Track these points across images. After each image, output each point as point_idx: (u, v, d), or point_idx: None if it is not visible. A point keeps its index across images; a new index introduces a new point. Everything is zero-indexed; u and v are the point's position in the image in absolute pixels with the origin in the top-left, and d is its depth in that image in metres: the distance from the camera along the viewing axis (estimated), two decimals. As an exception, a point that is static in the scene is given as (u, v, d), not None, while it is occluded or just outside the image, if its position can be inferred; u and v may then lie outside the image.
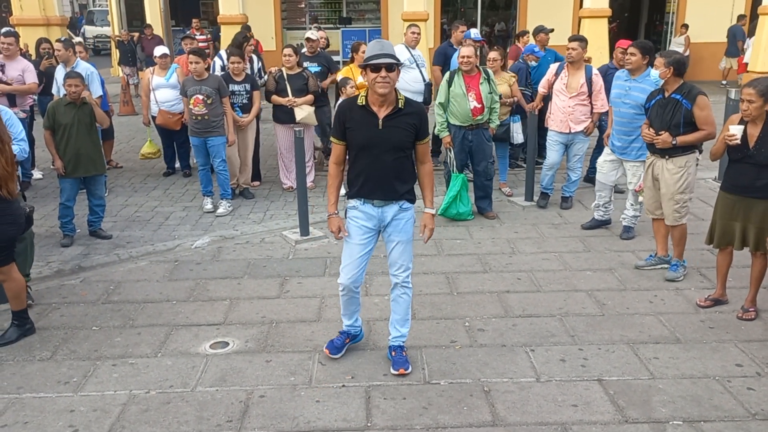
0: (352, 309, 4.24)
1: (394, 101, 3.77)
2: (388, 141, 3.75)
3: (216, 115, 7.08)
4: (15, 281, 4.50)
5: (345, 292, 4.11)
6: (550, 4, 17.28)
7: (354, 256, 3.99)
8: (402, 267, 4.04)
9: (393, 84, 3.69)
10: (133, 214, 7.31)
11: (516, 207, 7.35)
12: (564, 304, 5.02)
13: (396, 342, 4.19)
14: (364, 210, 3.92)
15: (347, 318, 4.29)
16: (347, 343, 4.33)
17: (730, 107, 7.59)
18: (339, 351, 4.27)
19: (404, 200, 3.91)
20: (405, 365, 4.08)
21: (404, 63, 8.18)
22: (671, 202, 5.26)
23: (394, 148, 3.76)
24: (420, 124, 3.81)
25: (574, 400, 3.82)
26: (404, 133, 3.76)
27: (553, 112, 7.02)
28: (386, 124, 3.75)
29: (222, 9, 15.03)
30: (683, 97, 5.07)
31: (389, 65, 3.62)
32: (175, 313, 4.95)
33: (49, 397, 3.90)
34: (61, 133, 6.11)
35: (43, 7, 13.84)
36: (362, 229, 3.95)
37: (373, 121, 3.75)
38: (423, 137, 3.86)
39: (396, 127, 3.75)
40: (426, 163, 3.94)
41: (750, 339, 4.46)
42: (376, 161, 3.79)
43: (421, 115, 3.86)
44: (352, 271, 4.01)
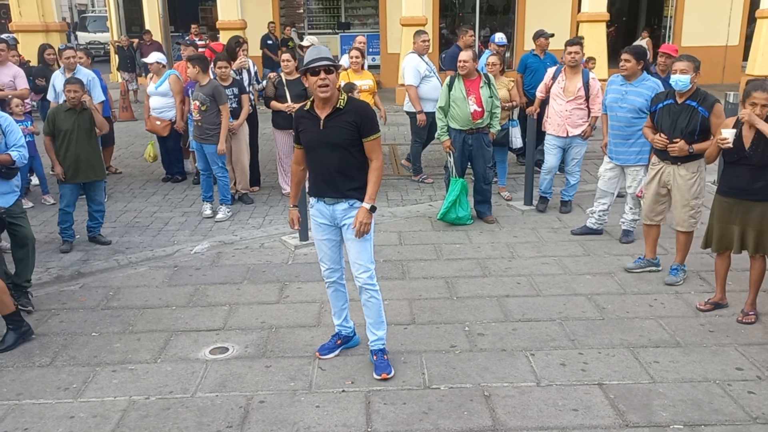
0: (340, 305, 4.34)
1: (336, 101, 3.87)
2: (328, 140, 3.87)
3: (212, 123, 7.07)
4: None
5: (329, 284, 4.29)
6: (548, 8, 17.32)
7: (324, 251, 4.19)
8: (361, 268, 4.05)
9: (333, 86, 3.81)
10: (133, 220, 7.31)
11: (515, 211, 7.36)
12: (564, 308, 5.02)
13: (375, 346, 4.21)
14: (319, 208, 4.07)
15: (336, 317, 4.39)
16: (339, 344, 4.39)
17: (729, 110, 7.59)
18: (329, 352, 4.35)
19: (354, 199, 3.95)
20: (387, 369, 4.11)
21: (424, 73, 8.17)
22: (686, 209, 5.23)
23: (334, 146, 3.87)
24: (361, 122, 3.85)
25: (574, 404, 3.81)
26: (344, 132, 3.85)
27: (551, 116, 7.03)
28: (326, 124, 3.88)
29: (221, 15, 15.06)
30: (699, 104, 5.01)
31: (326, 68, 3.76)
32: (174, 318, 4.95)
33: (49, 403, 3.89)
34: (61, 139, 6.12)
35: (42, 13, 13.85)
36: (321, 226, 4.11)
37: (316, 123, 3.90)
38: (367, 134, 3.87)
39: (335, 126, 3.86)
40: (373, 160, 3.93)
41: (750, 342, 4.46)
42: (322, 160, 3.93)
43: (362, 113, 3.88)
44: (327, 264, 4.20)
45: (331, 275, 4.24)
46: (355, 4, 19.14)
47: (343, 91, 3.95)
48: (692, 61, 5.01)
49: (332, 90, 3.82)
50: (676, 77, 4.99)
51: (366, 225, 3.91)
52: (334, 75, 3.80)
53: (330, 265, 4.21)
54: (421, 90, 8.21)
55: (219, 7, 15.01)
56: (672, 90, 5.14)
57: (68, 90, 6.06)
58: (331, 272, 4.23)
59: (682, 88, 5.02)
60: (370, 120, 3.90)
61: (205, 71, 7.10)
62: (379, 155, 3.95)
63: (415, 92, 8.20)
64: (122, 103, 13.73)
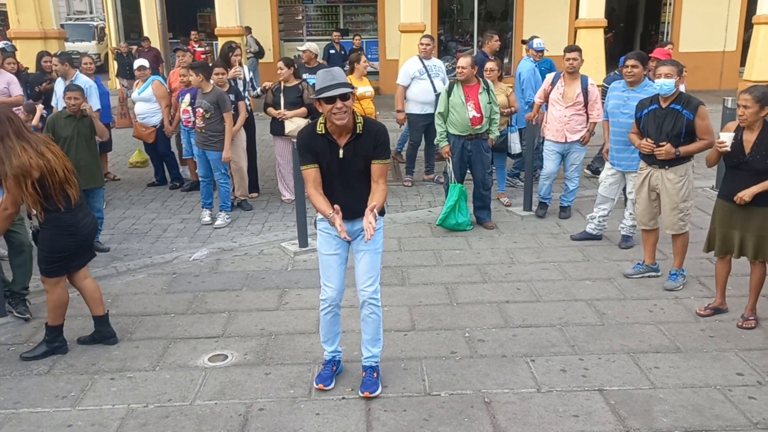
0: (335, 331, 4.09)
1: (353, 126, 3.69)
2: (349, 169, 3.71)
3: (215, 130, 7.07)
4: (55, 294, 4.45)
5: (329, 309, 4.00)
6: (546, 14, 17.37)
7: (332, 267, 3.93)
8: (369, 280, 3.89)
9: (350, 111, 3.62)
10: (131, 227, 7.29)
11: (514, 217, 7.35)
12: (564, 313, 5.01)
13: (368, 363, 4.07)
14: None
15: (329, 344, 4.12)
16: (335, 371, 4.16)
17: (727, 115, 7.61)
18: (330, 381, 4.10)
19: None
20: (371, 388, 3.97)
21: (414, 74, 8.25)
22: (675, 212, 5.25)
23: (356, 173, 3.73)
24: (377, 144, 3.70)
25: (575, 410, 3.80)
26: (362, 159, 3.70)
27: (550, 121, 7.03)
28: (347, 153, 3.69)
29: (219, 21, 15.06)
30: (683, 107, 5.07)
31: (343, 95, 3.54)
32: (173, 326, 4.93)
33: (47, 411, 3.87)
34: (60, 146, 6.09)
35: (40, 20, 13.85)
36: (335, 239, 3.87)
37: (335, 150, 3.70)
38: (380, 157, 3.72)
39: (356, 155, 3.69)
40: (380, 183, 3.73)
41: (750, 348, 4.45)
42: (341, 188, 3.76)
43: (380, 137, 3.73)
44: (334, 283, 3.94)
45: (335, 298, 3.96)
46: (354, 10, 19.17)
47: (357, 113, 3.73)
48: (675, 65, 5.09)
49: (349, 116, 3.63)
50: (660, 81, 5.05)
51: (374, 226, 3.56)
52: (350, 101, 3.59)
53: (335, 284, 3.94)
54: (409, 91, 8.38)
55: (218, 14, 15.02)
56: (656, 95, 5.18)
57: (69, 97, 6.07)
58: (337, 294, 3.96)
59: (667, 92, 5.07)
60: (386, 144, 3.77)
61: (208, 79, 7.10)
62: (385, 179, 3.78)
63: (400, 91, 8.42)
64: (120, 110, 13.73)
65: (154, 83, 8.40)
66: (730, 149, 4.48)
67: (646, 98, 5.35)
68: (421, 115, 8.41)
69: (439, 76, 8.41)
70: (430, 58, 8.49)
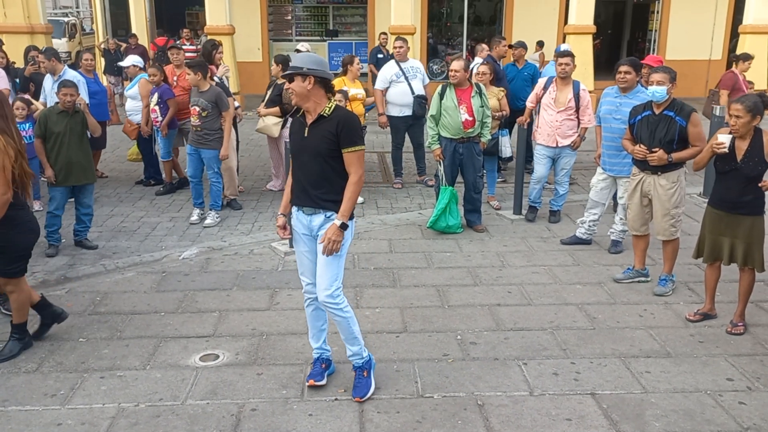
0: (319, 326, 4.09)
1: (321, 109, 3.75)
2: (308, 148, 3.77)
3: (211, 128, 7.03)
4: (23, 293, 4.43)
5: (309, 301, 4.05)
6: (535, 19, 17.46)
7: (305, 263, 3.99)
8: (323, 285, 3.81)
9: (298, 92, 3.70)
10: (120, 224, 7.22)
11: (504, 220, 7.37)
12: (555, 317, 5.03)
13: (353, 361, 4.05)
14: (299, 218, 3.90)
15: (314, 340, 4.12)
16: (324, 369, 4.13)
17: (716, 123, 7.69)
18: (322, 377, 4.09)
19: (332, 211, 3.78)
20: (361, 392, 3.94)
21: (391, 78, 8.29)
22: (666, 218, 5.29)
23: (313, 154, 3.75)
24: (340, 131, 3.69)
25: (567, 413, 3.81)
26: (323, 140, 3.72)
27: (541, 126, 7.07)
28: (310, 131, 3.77)
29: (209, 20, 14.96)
30: (676, 113, 5.12)
31: (287, 76, 3.76)
32: (163, 324, 4.89)
33: (36, 410, 3.82)
34: (53, 142, 6.04)
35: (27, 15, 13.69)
36: (303, 237, 3.93)
37: (302, 130, 3.82)
38: (346, 145, 3.71)
39: (317, 135, 3.75)
40: (351, 173, 3.75)
41: (740, 353, 4.49)
42: (302, 168, 3.83)
43: (344, 122, 3.72)
44: (308, 277, 3.99)
45: (312, 290, 3.97)
46: (344, 12, 19.16)
47: (332, 99, 3.80)
48: (668, 72, 5.11)
49: (300, 98, 3.72)
50: (653, 88, 5.10)
51: (335, 243, 3.69)
52: (295, 83, 3.69)
53: (311, 279, 3.97)
54: (388, 95, 8.45)
55: (207, 13, 14.92)
56: (649, 102, 5.22)
57: (64, 93, 6.00)
58: (313, 287, 3.96)
59: (659, 99, 5.12)
60: (352, 131, 3.73)
61: (205, 77, 7.06)
62: (357, 169, 3.74)
63: (378, 95, 8.50)
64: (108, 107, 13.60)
65: (141, 81, 8.36)
66: (728, 151, 4.52)
67: (640, 105, 5.39)
68: (400, 117, 8.47)
69: (417, 77, 8.45)
70: (407, 60, 8.53)
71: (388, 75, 8.42)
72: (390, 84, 8.40)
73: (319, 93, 3.72)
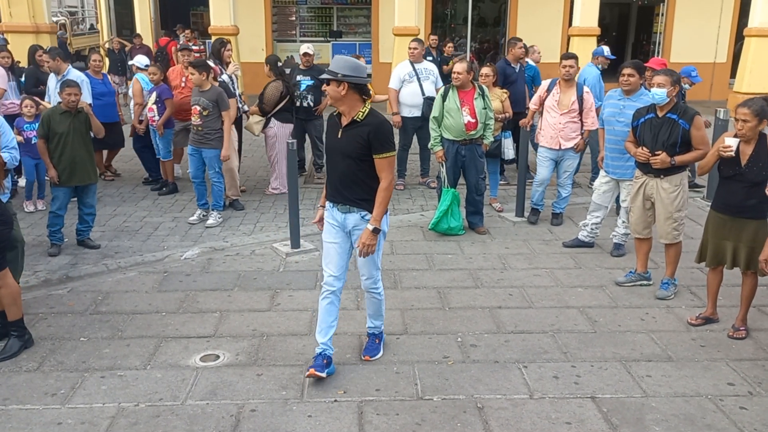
0: (329, 321, 4.15)
1: (355, 113, 3.92)
2: (341, 149, 3.96)
3: (212, 128, 7.04)
4: (11, 287, 4.40)
5: (326, 294, 4.14)
6: (539, 21, 17.44)
7: (331, 255, 4.15)
8: (365, 276, 4.23)
9: (333, 96, 3.89)
10: (122, 224, 7.23)
11: (507, 222, 7.36)
12: (556, 320, 5.02)
13: (371, 330, 4.50)
14: (332, 213, 4.12)
15: (322, 335, 4.14)
16: (326, 364, 4.14)
17: (719, 127, 7.67)
18: (324, 369, 4.10)
19: (365, 210, 4.00)
20: (372, 353, 4.38)
21: (404, 78, 8.28)
22: (669, 221, 5.28)
23: (345, 156, 3.94)
24: (372, 137, 3.86)
25: (567, 417, 3.80)
26: (355, 144, 3.90)
27: (544, 128, 7.05)
28: (344, 133, 3.96)
29: (213, 20, 14.99)
30: (679, 117, 5.10)
31: (326, 80, 3.91)
32: (164, 324, 4.89)
33: (36, 409, 3.83)
34: (56, 142, 6.05)
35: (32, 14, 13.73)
36: (334, 228, 4.13)
37: (336, 131, 4.01)
38: (377, 151, 3.88)
39: (350, 138, 3.92)
40: (382, 179, 3.93)
41: (741, 358, 4.48)
42: (335, 167, 4.05)
43: (376, 128, 3.88)
44: (331, 269, 4.14)
45: (333, 283, 4.12)
46: (348, 12, 19.16)
47: (367, 103, 3.95)
48: (670, 75, 5.09)
49: (336, 100, 3.90)
50: (653, 91, 5.10)
51: (370, 247, 3.98)
52: (331, 86, 3.87)
53: (334, 272, 4.12)
54: (400, 95, 8.44)
55: (211, 13, 14.95)
56: (653, 104, 5.21)
57: (68, 93, 6.01)
58: (335, 280, 4.12)
59: (659, 101, 5.11)
60: (384, 137, 3.89)
61: (209, 77, 7.09)
62: (388, 175, 3.93)
63: (392, 95, 8.49)
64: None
65: (133, 80, 8.53)
66: (734, 155, 4.50)
67: (643, 107, 5.38)
68: (409, 117, 8.46)
69: (429, 79, 8.43)
70: (421, 62, 8.52)
71: (401, 74, 8.42)
72: (402, 84, 8.39)
73: (354, 97, 3.89)
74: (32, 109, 7.32)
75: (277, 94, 8.00)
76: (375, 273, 4.21)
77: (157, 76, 8.02)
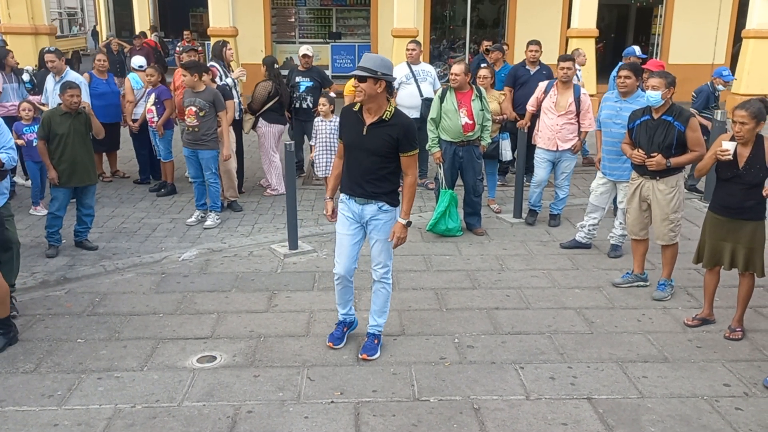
0: (347, 298, 4.56)
1: (382, 112, 4.05)
2: (367, 146, 4.08)
3: (208, 128, 7.05)
4: (0, 287, 4.41)
5: (339, 281, 4.45)
6: (538, 23, 17.45)
7: (344, 246, 4.34)
8: (380, 264, 4.37)
9: (366, 93, 3.98)
10: (120, 225, 7.24)
11: (504, 224, 7.37)
12: (553, 321, 5.02)
13: (372, 330, 4.52)
14: (349, 205, 4.28)
15: (342, 307, 4.58)
16: (345, 332, 4.61)
17: (717, 129, 7.68)
18: (340, 341, 4.56)
19: (383, 202, 4.18)
20: (370, 352, 4.41)
21: (401, 80, 8.28)
22: (666, 222, 5.29)
23: (372, 153, 4.08)
24: (401, 137, 4.04)
25: (563, 418, 3.81)
26: (383, 142, 4.04)
27: (541, 129, 7.07)
28: (370, 131, 4.08)
29: (212, 22, 14.99)
30: (675, 118, 5.12)
31: (360, 77, 3.97)
32: (161, 326, 4.90)
33: (33, 410, 3.83)
34: (56, 143, 6.06)
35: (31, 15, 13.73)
36: (348, 220, 4.30)
37: (360, 127, 4.11)
38: (405, 150, 4.08)
39: (377, 136, 4.05)
40: (408, 175, 4.15)
41: (737, 359, 4.49)
42: (357, 162, 4.16)
43: (405, 128, 4.06)
44: (343, 261, 4.35)
45: (343, 273, 4.38)
46: (347, 14, 19.20)
47: (391, 102, 4.10)
48: (664, 77, 5.11)
49: (366, 97, 3.99)
50: (648, 93, 5.14)
51: (402, 239, 4.21)
52: (366, 83, 3.95)
53: (344, 261, 4.35)
54: (398, 96, 8.40)
55: (211, 14, 14.94)
56: (649, 106, 5.23)
57: (71, 95, 6.02)
58: (345, 270, 4.37)
59: (654, 104, 5.13)
60: (411, 136, 4.09)
61: (201, 78, 7.08)
62: (413, 170, 4.15)
63: None
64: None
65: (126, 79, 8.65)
66: (732, 158, 4.50)
67: (639, 109, 5.39)
68: None
69: (427, 80, 8.43)
70: (419, 63, 8.52)
71: (399, 76, 8.38)
72: (399, 86, 8.40)
73: (384, 96, 4.04)
74: (30, 113, 7.32)
75: (264, 94, 8.04)
76: (389, 263, 4.39)
77: (155, 77, 8.03)
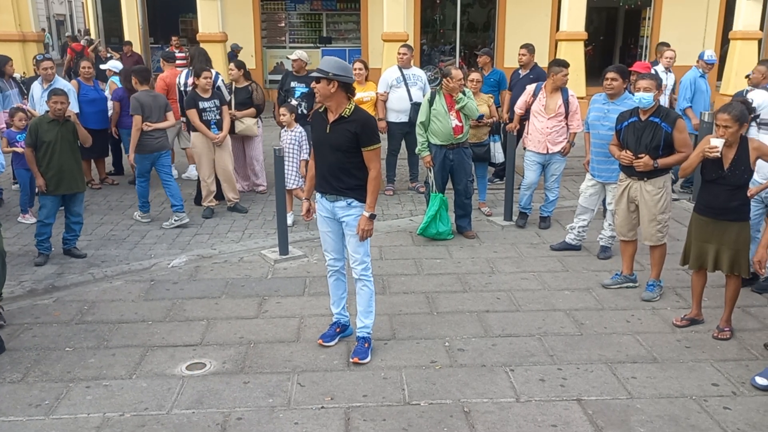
0: (339, 294, 4.69)
1: (342, 109, 4.23)
2: (329, 142, 4.27)
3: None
4: None
5: (331, 272, 4.64)
6: (527, 26, 17.51)
7: (328, 242, 4.56)
8: (357, 261, 4.45)
9: (320, 93, 4.18)
10: (109, 233, 7.21)
11: (495, 226, 7.38)
12: (543, 323, 5.03)
13: (360, 333, 4.55)
14: (322, 203, 4.45)
15: (335, 305, 4.72)
16: (338, 332, 4.70)
17: (704, 129, 7.73)
18: (332, 339, 4.67)
19: (352, 198, 4.32)
20: (361, 355, 4.43)
21: (391, 83, 8.32)
22: (653, 223, 5.31)
23: (335, 149, 4.25)
24: (359, 132, 4.19)
25: (553, 420, 3.81)
26: (344, 138, 4.20)
27: (531, 132, 7.08)
28: (332, 128, 4.26)
29: (201, 27, 14.96)
30: (662, 120, 5.14)
31: (316, 78, 4.18)
32: (150, 333, 4.87)
33: (20, 420, 3.81)
34: (44, 151, 6.04)
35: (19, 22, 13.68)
36: (326, 219, 4.48)
37: (324, 126, 4.30)
38: (365, 144, 4.22)
39: (338, 132, 4.23)
40: (371, 169, 4.28)
41: (725, 358, 4.51)
42: (324, 159, 4.34)
43: (363, 123, 4.22)
44: (331, 254, 4.58)
45: (334, 263, 4.60)
46: (337, 18, 19.19)
47: (352, 101, 4.27)
48: (654, 79, 5.14)
49: (322, 96, 4.19)
50: (639, 95, 5.14)
51: (367, 231, 4.33)
52: (321, 84, 4.15)
53: (333, 255, 4.57)
54: (388, 100, 8.49)
55: (200, 20, 14.91)
56: (636, 108, 5.25)
57: (55, 101, 6.00)
58: (335, 261, 4.59)
59: (645, 105, 5.16)
60: (370, 131, 4.25)
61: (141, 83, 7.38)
62: (375, 165, 4.27)
63: (379, 100, 8.51)
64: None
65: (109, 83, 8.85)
66: (720, 155, 4.52)
67: (627, 111, 5.42)
68: (396, 123, 8.48)
69: (417, 85, 8.45)
70: (410, 67, 8.55)
71: (389, 80, 8.46)
72: (390, 89, 8.42)
73: (341, 95, 4.21)
74: (22, 122, 7.28)
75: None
76: (366, 259, 4.45)
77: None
